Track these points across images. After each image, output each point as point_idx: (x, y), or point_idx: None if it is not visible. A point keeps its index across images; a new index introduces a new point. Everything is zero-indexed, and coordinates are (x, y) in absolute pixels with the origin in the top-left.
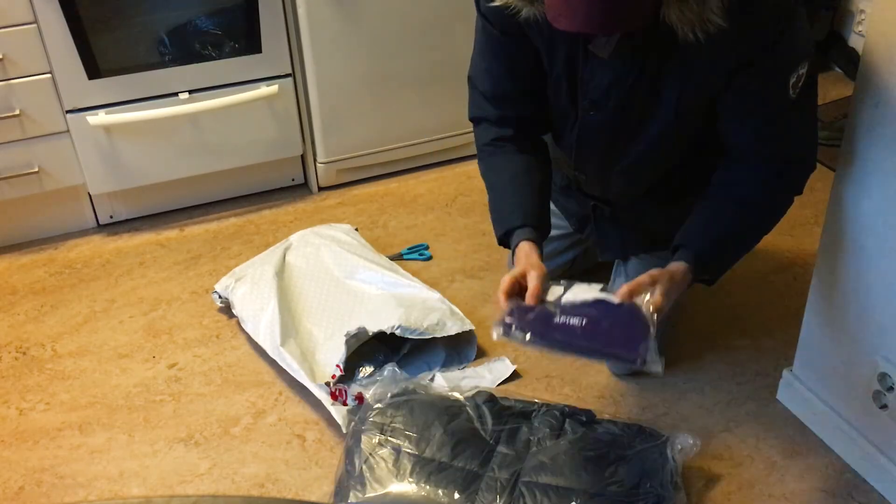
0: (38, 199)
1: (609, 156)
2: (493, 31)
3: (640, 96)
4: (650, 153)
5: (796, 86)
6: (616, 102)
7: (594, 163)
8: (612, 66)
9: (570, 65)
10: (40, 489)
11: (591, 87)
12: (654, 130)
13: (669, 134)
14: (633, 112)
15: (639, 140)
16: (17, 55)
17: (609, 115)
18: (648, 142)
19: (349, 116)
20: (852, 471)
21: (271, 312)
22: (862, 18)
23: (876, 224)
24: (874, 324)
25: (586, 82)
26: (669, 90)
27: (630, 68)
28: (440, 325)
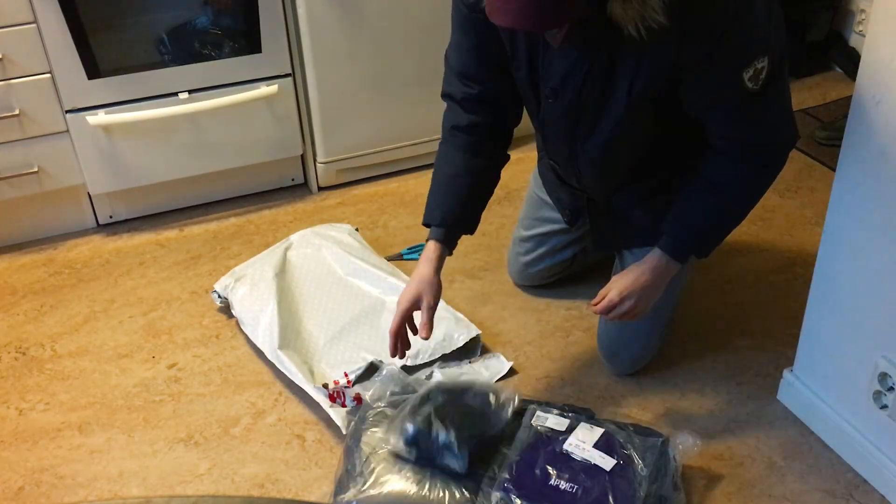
0: (38, 199)
1: (572, 143)
2: (462, 9)
3: (594, 86)
4: (611, 143)
5: (756, 79)
6: (572, 91)
7: (561, 151)
8: (567, 55)
9: (531, 52)
10: (40, 489)
11: (549, 74)
12: (609, 120)
13: (625, 124)
14: (589, 101)
15: (598, 129)
16: (17, 55)
17: (566, 103)
18: (607, 131)
19: (349, 116)
20: (852, 471)
21: (270, 314)
22: (862, 18)
23: (876, 224)
24: (874, 324)
25: (545, 70)
26: (622, 82)
27: (584, 58)
28: (447, 340)
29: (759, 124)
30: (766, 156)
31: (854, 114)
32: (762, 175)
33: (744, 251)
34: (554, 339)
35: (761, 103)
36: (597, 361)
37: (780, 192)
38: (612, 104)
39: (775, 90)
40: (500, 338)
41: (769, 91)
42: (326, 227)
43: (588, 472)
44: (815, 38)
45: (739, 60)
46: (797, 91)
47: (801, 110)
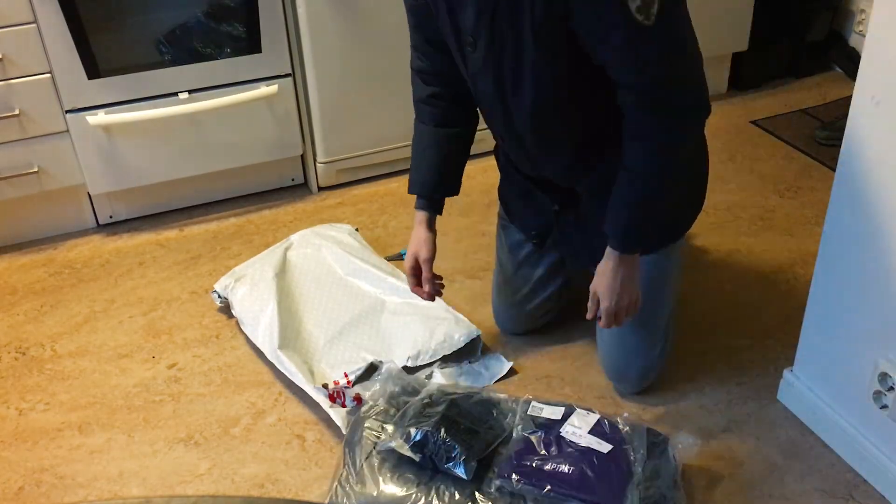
0: (38, 199)
1: (503, 100)
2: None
3: (502, 28)
4: (537, 95)
5: (646, 11)
6: (486, 37)
7: (496, 114)
8: (472, 5)
9: (450, 9)
10: (40, 489)
11: (464, 21)
12: (527, 66)
13: (545, 71)
14: (505, 47)
15: (521, 78)
16: (17, 55)
17: (483, 51)
18: (529, 79)
19: (349, 116)
20: (852, 471)
21: (270, 314)
22: (862, 18)
23: (876, 224)
24: (874, 324)
25: (460, 17)
26: (524, 18)
27: (486, 7)
28: (447, 341)
29: (656, 65)
30: (672, 120)
31: (854, 114)
32: (671, 148)
33: (744, 251)
34: (554, 339)
35: (655, 39)
36: (597, 361)
37: (780, 192)
38: (524, 47)
39: (671, 25)
40: (500, 338)
41: (663, 25)
42: (326, 227)
43: (585, 455)
44: (815, 38)
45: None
46: (797, 91)
47: (801, 110)
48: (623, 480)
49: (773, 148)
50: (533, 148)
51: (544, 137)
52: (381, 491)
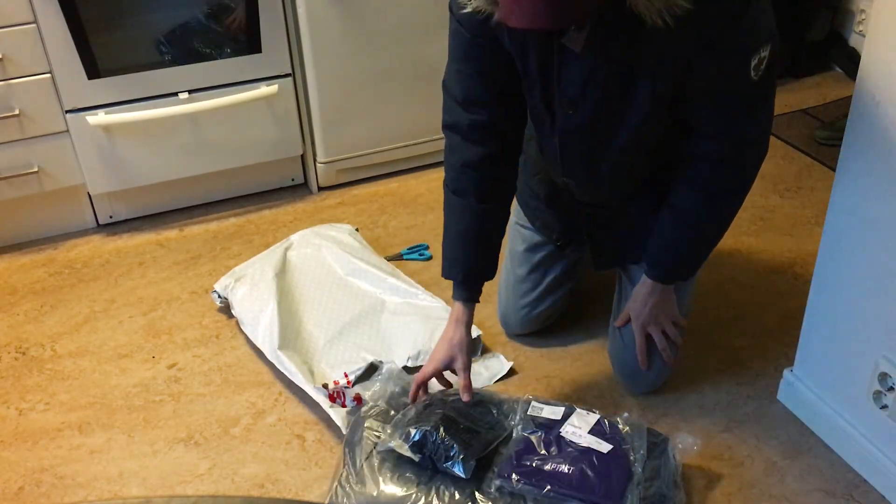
0: (38, 199)
1: (593, 156)
2: (465, 34)
3: (615, 90)
4: (632, 146)
5: (758, 68)
6: (592, 99)
7: (580, 165)
8: (584, 61)
9: (544, 66)
10: (40, 489)
11: (567, 85)
12: (632, 123)
13: (647, 124)
14: (611, 107)
15: (619, 135)
16: (17, 55)
17: (588, 113)
18: (628, 135)
19: (349, 116)
20: (852, 471)
21: (270, 314)
22: (862, 18)
23: (876, 224)
24: (874, 324)
25: (562, 81)
26: (643, 79)
27: (603, 62)
28: None
29: (752, 119)
30: (737, 172)
31: (854, 114)
32: (729, 202)
33: (744, 251)
34: (554, 340)
35: (760, 95)
36: (597, 361)
37: (780, 192)
38: (635, 106)
39: (770, 83)
40: (500, 338)
41: (766, 83)
42: (326, 227)
43: (585, 455)
44: (815, 38)
45: (750, 45)
46: (797, 91)
47: (801, 110)
48: (623, 480)
49: (773, 148)
50: (605, 183)
51: (621, 175)
52: (381, 491)
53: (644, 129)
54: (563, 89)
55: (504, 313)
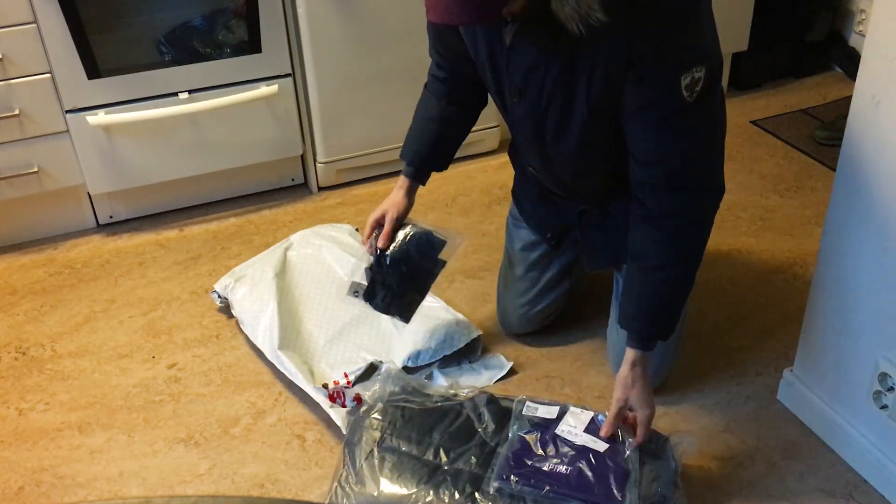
0: (38, 199)
1: (542, 146)
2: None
3: (556, 85)
4: (582, 149)
5: (691, 88)
6: (535, 90)
7: (533, 154)
8: (528, 52)
9: (491, 53)
10: (40, 489)
11: (514, 73)
12: (575, 123)
13: (591, 129)
14: (554, 102)
15: (565, 134)
16: (17, 55)
17: (531, 103)
18: (575, 137)
19: (349, 116)
20: (852, 471)
21: (270, 315)
22: (862, 18)
23: (876, 224)
24: (874, 324)
25: (510, 69)
26: (581, 81)
27: (544, 56)
28: (447, 342)
29: (686, 144)
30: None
31: (854, 114)
32: (690, 236)
33: (744, 251)
34: (554, 339)
35: (691, 117)
36: (597, 361)
37: (780, 192)
38: (576, 106)
39: (710, 107)
40: (500, 338)
41: (701, 105)
42: (326, 227)
43: (582, 454)
44: (815, 38)
45: (681, 62)
46: (797, 91)
47: (801, 110)
48: (621, 479)
49: (773, 148)
50: (566, 178)
51: (579, 174)
52: (381, 491)
53: (589, 134)
54: (511, 77)
55: (503, 312)
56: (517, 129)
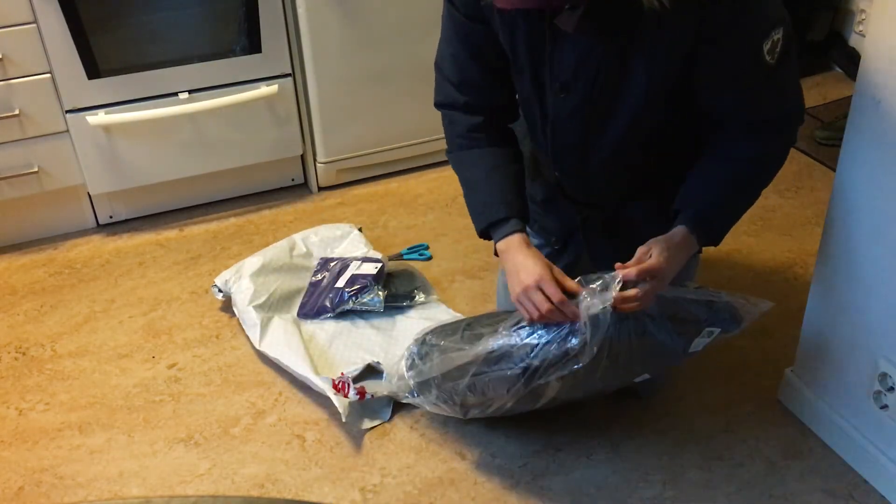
0: (38, 199)
1: (585, 146)
2: (458, 15)
3: (609, 74)
4: (626, 137)
5: (773, 52)
6: (585, 82)
7: (572, 157)
8: (578, 43)
9: (533, 48)
10: (40, 489)
11: (559, 67)
12: (626, 111)
13: (642, 115)
14: (604, 91)
15: (613, 123)
16: (17, 55)
17: (580, 96)
18: (623, 124)
19: (349, 116)
20: (852, 471)
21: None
22: (862, 18)
23: (876, 224)
24: (874, 324)
25: (553, 64)
26: (638, 66)
27: (596, 44)
28: None
29: (776, 100)
30: (779, 130)
31: (854, 114)
32: (779, 146)
33: (744, 251)
34: None
35: (779, 78)
36: None
37: (780, 192)
38: (630, 92)
39: (790, 64)
40: None
41: (784, 65)
42: (326, 227)
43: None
44: (815, 38)
45: (760, 30)
46: None
47: None
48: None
49: None
50: (598, 177)
51: (614, 169)
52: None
53: (639, 119)
54: (554, 73)
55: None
56: (558, 128)
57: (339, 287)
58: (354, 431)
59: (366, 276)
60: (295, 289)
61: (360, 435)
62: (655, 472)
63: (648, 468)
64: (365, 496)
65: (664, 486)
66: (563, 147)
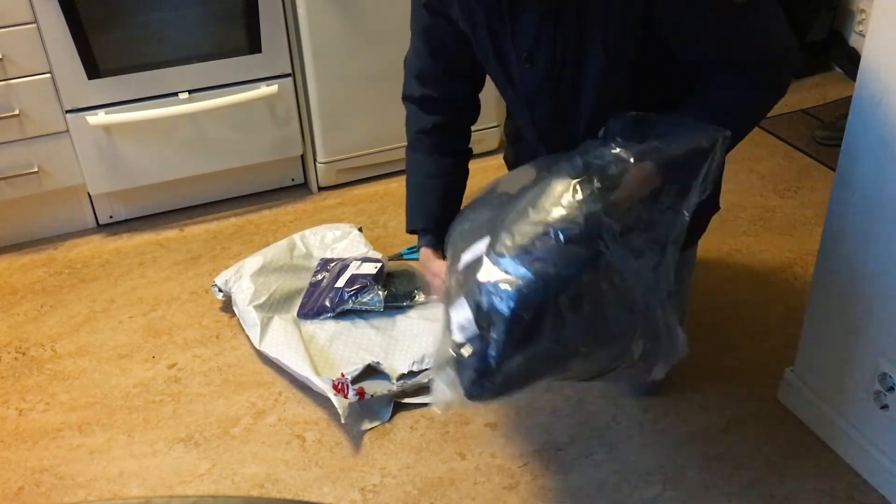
0: (38, 199)
1: (560, 111)
2: (419, 7)
3: (568, 40)
4: (601, 108)
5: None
6: (547, 52)
7: (553, 130)
8: (535, 13)
9: (493, 28)
10: (40, 489)
11: (520, 38)
12: (593, 73)
13: (609, 80)
14: (567, 62)
15: (583, 96)
16: (17, 55)
17: (543, 67)
18: (592, 96)
19: (349, 116)
20: (853, 471)
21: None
22: (862, 18)
23: (876, 224)
24: (874, 324)
25: (516, 38)
26: (596, 36)
27: (551, 13)
28: None
29: (752, 41)
30: (761, 70)
31: (854, 114)
32: (761, 91)
33: (744, 251)
34: None
35: (751, 16)
36: None
37: (780, 192)
38: (592, 55)
39: (765, 2)
40: None
41: (757, 3)
42: (326, 227)
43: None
44: (815, 38)
45: None
46: (797, 91)
47: (801, 110)
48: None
49: (773, 148)
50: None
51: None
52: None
53: (608, 86)
54: (517, 45)
55: None
56: (533, 102)
57: (339, 287)
58: (354, 432)
59: (366, 276)
60: (295, 289)
61: (360, 435)
62: (655, 472)
63: (648, 468)
64: (365, 496)
65: (664, 486)
66: (543, 123)
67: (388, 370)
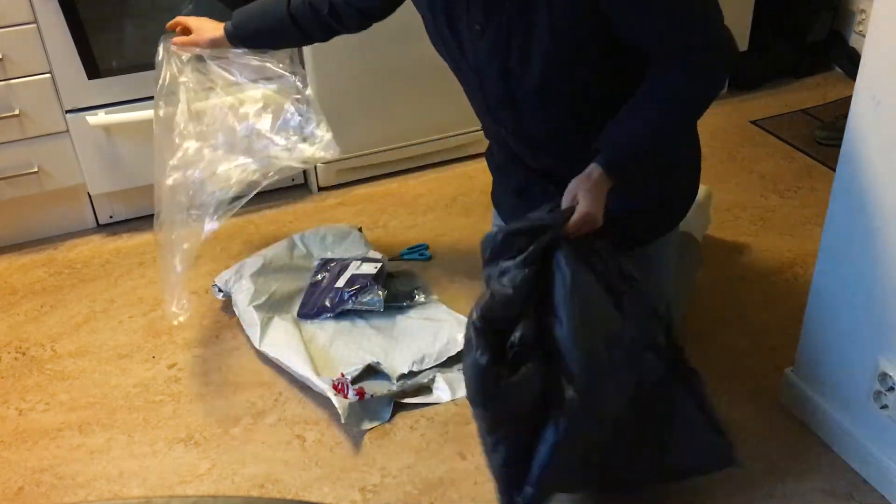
0: (38, 199)
1: (508, 86)
2: None
3: (515, 14)
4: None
5: None
6: (497, 22)
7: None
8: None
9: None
10: (40, 489)
11: (474, 11)
12: (540, 52)
13: (555, 59)
14: (516, 32)
15: (531, 67)
16: (17, 55)
17: (493, 37)
18: (539, 69)
19: (349, 116)
20: (852, 471)
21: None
22: (862, 18)
23: (876, 224)
24: (874, 324)
25: (470, 10)
26: (542, 17)
27: None
28: (451, 344)
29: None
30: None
31: (854, 114)
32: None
33: (744, 251)
34: None
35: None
36: None
37: (780, 192)
38: (538, 32)
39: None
40: None
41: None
42: (326, 227)
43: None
44: (815, 38)
45: None
46: (797, 91)
47: (801, 110)
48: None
49: (773, 148)
50: (539, 135)
51: (551, 127)
52: None
53: (554, 66)
54: (471, 14)
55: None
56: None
57: (339, 287)
58: (354, 432)
59: (366, 276)
60: (295, 289)
61: (360, 435)
62: None
63: None
64: (365, 496)
65: (664, 485)
66: (495, 100)
67: (388, 370)
